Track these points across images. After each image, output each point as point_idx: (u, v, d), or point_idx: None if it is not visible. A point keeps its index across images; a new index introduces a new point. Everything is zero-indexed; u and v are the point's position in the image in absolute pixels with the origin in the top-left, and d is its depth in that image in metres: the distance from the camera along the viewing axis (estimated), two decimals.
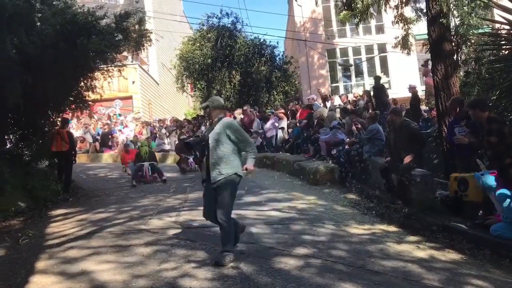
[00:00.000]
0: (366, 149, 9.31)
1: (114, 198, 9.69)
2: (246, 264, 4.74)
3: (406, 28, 11.50)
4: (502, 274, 4.71)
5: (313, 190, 9.34)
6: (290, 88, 21.96)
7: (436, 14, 8.35)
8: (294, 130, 14.28)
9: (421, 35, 15.53)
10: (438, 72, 8.32)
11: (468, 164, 6.62)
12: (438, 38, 8.40)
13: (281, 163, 12.47)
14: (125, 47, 11.84)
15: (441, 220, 6.23)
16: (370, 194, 8.33)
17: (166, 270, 4.65)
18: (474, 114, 6.10)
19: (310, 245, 5.46)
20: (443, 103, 8.22)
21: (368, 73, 26.00)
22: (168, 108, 32.10)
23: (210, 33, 21.23)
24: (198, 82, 21.41)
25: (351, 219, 6.88)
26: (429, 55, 9.05)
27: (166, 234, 6.20)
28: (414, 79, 21.74)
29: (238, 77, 20.18)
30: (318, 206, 7.89)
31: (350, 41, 25.63)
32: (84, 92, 11.74)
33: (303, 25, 26.17)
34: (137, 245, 5.69)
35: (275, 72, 21.20)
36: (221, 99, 5.46)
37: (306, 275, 4.41)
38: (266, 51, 21.73)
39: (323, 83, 25.45)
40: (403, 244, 5.63)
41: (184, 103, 35.52)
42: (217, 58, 20.50)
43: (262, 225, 6.47)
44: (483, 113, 5.92)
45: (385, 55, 24.64)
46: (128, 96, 26.12)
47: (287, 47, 31.63)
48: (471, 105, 6.16)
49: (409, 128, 7.45)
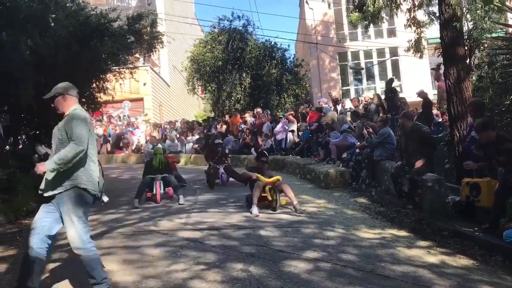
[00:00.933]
0: (377, 153, 9.26)
1: (125, 200, 9.71)
2: (256, 267, 4.73)
3: (418, 31, 11.43)
4: None
5: (323, 194, 9.31)
6: (301, 91, 21.94)
7: (449, 18, 8.29)
8: (304, 133, 14.26)
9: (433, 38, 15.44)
10: (450, 76, 8.25)
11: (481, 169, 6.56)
12: (450, 42, 8.34)
13: (291, 166, 12.45)
14: (137, 49, 11.96)
15: (452, 225, 6.17)
16: (380, 198, 8.29)
17: (176, 271, 4.66)
18: (483, 136, 6.01)
19: (320, 248, 5.44)
20: (455, 107, 8.15)
21: (380, 77, 25.89)
22: (178, 110, 32.26)
23: (221, 35, 21.30)
24: (209, 85, 21.49)
25: (361, 223, 6.84)
26: (441, 59, 8.98)
27: (176, 235, 6.22)
28: (426, 83, 21.62)
29: (249, 79, 20.21)
30: (328, 209, 7.86)
31: (361, 45, 25.55)
32: (96, 93, 11.85)
33: (314, 28, 26.15)
34: (147, 246, 5.71)
35: (285, 75, 21.20)
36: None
37: (315, 278, 4.40)
38: (277, 54, 21.75)
39: (334, 86, 25.40)
40: (413, 249, 5.58)
41: (194, 105, 35.68)
42: (228, 61, 20.56)
43: (272, 228, 6.46)
44: (493, 132, 5.87)
45: (397, 58, 24.53)
46: (139, 98, 26.31)
47: (298, 50, 31.61)
48: (481, 128, 6.05)
49: (420, 132, 7.39)
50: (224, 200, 8.91)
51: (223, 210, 7.71)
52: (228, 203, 8.61)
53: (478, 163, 6.40)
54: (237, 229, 6.42)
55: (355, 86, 26.52)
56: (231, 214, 7.44)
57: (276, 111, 19.24)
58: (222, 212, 7.58)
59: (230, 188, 10.44)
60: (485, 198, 6.03)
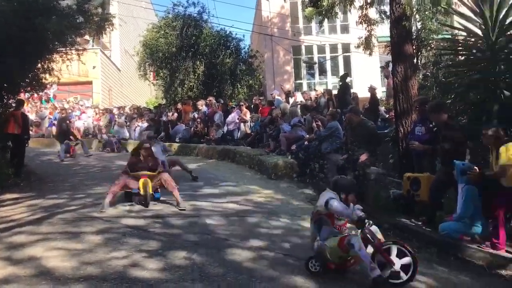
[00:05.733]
0: (324, 146, 9.43)
1: (68, 185, 9.41)
2: (199, 255, 4.72)
3: (369, 29, 11.67)
4: (446, 271, 4.89)
5: (272, 184, 9.38)
6: (254, 82, 21.93)
7: (399, 17, 8.48)
8: (255, 124, 14.30)
9: (384, 37, 15.84)
10: (398, 74, 8.47)
11: (422, 164, 6.83)
12: (399, 41, 8.55)
13: (242, 157, 12.46)
14: (86, 30, 11.48)
15: (393, 218, 6.40)
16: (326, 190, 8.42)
17: (117, 258, 4.57)
18: (436, 117, 6.26)
19: (264, 237, 5.49)
20: (401, 104, 8.37)
21: (332, 72, 26.32)
22: (129, 96, 31.46)
23: (176, 21, 20.89)
24: (161, 71, 21.03)
25: (305, 214, 6.89)
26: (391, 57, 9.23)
27: (119, 222, 6.10)
28: (376, 80, 22.16)
29: (203, 67, 19.97)
30: (275, 200, 7.93)
31: (315, 39, 25.85)
32: (41, 74, 11.30)
33: (270, 20, 26.19)
34: (88, 232, 5.57)
35: (240, 65, 21.11)
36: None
37: (258, 267, 4.44)
38: (232, 43, 21.59)
39: (287, 79, 25.58)
40: None
41: (146, 91, 34.86)
42: (182, 47, 20.21)
43: (218, 216, 6.46)
44: (444, 115, 6.11)
45: (349, 55, 25.00)
46: (88, 81, 25.42)
47: (253, 41, 31.59)
48: (435, 109, 6.31)
49: (366, 126, 7.59)
50: None
51: (169, 198, 7.61)
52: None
53: (424, 146, 6.62)
54: (183, 217, 6.38)
55: (308, 80, 26.85)
56: (175, 202, 7.33)
57: (229, 101, 19.15)
58: (168, 200, 7.47)
59: (175, 176, 10.30)
60: (424, 192, 6.27)
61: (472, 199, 5.52)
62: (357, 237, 4.16)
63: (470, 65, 6.87)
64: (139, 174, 7.27)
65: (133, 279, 4.02)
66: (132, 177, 7.29)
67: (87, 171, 11.70)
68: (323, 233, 4.40)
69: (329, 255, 4.25)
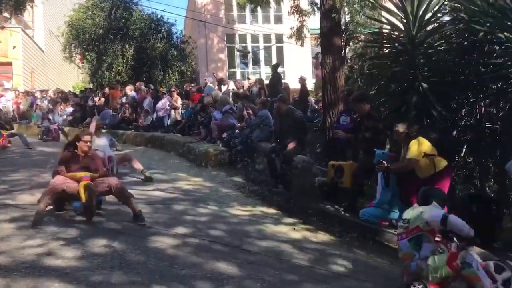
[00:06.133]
0: (255, 134, 9.47)
1: None
2: (120, 242, 4.57)
3: (301, 19, 11.83)
4: (365, 255, 5.11)
5: (201, 172, 9.29)
6: (187, 68, 21.57)
7: (329, 9, 8.65)
8: (186, 111, 14.08)
9: (316, 29, 16.14)
10: (326, 66, 8.66)
11: (346, 153, 7.06)
12: (329, 32, 8.73)
13: (171, 144, 12.24)
14: (2, 6, 10.68)
15: (317, 204, 6.57)
16: (255, 177, 8.50)
17: (30, 247, 4.31)
18: (359, 107, 6.48)
19: (190, 225, 5.44)
20: (329, 95, 8.58)
21: (265, 62, 26.45)
22: (54, 79, 29.80)
23: (104, 2, 20.04)
24: (88, 53, 20.11)
25: (234, 201, 6.97)
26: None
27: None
28: (307, 72, 22.54)
29: (132, 51, 19.30)
30: (204, 187, 7.88)
31: (249, 28, 25.84)
32: None
33: (204, 7, 25.81)
34: (1, 220, 5.20)
35: (171, 50, 20.63)
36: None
37: (181, 254, 4.39)
38: (163, 27, 21.04)
39: (221, 67, 25.40)
40: (280, 226, 5.84)
41: (72, 75, 33.16)
42: (110, 30, 19.39)
43: (143, 204, 6.26)
44: (367, 105, 6.34)
45: (282, 45, 25.25)
46: (8, 62, 23.72)
47: (186, 26, 30.98)
48: (358, 99, 6.52)
49: (294, 115, 7.71)
50: None
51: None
52: None
53: (346, 134, 6.84)
54: (106, 204, 6.12)
55: (241, 69, 26.82)
56: None
57: (159, 86, 18.68)
58: None
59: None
60: (347, 179, 6.47)
61: (390, 186, 5.79)
62: (473, 255, 3.75)
63: (392, 58, 7.15)
64: (78, 176, 5.39)
65: (46, 268, 3.81)
66: (68, 179, 5.37)
67: (4, 156, 10.95)
68: (424, 251, 3.98)
69: (432, 274, 3.84)
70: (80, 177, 5.34)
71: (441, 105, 5.97)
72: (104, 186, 5.43)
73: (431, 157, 5.41)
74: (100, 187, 5.39)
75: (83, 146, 5.75)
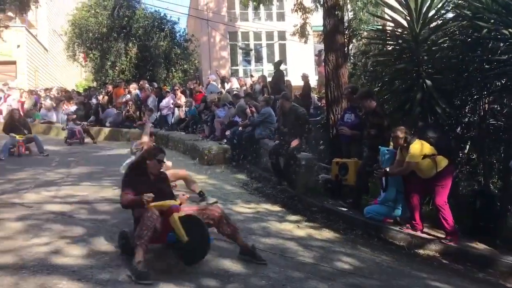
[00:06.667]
0: (258, 132, 9.50)
1: None
2: None
3: (304, 17, 11.86)
4: (369, 252, 5.12)
5: (205, 170, 9.32)
6: (190, 66, 21.62)
7: (332, 6, 8.64)
8: (190, 109, 14.12)
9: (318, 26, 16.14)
10: (329, 63, 8.65)
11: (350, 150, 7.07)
12: (332, 30, 8.72)
13: (175, 142, 12.29)
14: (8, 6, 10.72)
15: (321, 201, 6.59)
16: (259, 175, 8.54)
17: (38, 245, 4.35)
18: (365, 104, 6.48)
19: None
20: (332, 92, 8.58)
21: (268, 59, 26.44)
22: (57, 78, 29.90)
23: (107, 1, 20.08)
24: (91, 52, 20.16)
25: (238, 198, 6.99)
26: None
27: (42, 209, 5.79)
28: (310, 69, 22.58)
29: (135, 50, 19.35)
30: (208, 185, 7.89)
31: (252, 26, 25.83)
32: None
33: (207, 5, 25.82)
34: (8, 219, 5.24)
35: (174, 48, 20.68)
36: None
37: None
38: (167, 26, 21.07)
39: (223, 65, 25.41)
40: (284, 223, 5.86)
41: (76, 73, 33.26)
42: (113, 28, 19.45)
43: None
44: (373, 102, 6.34)
45: (284, 42, 25.25)
46: (12, 61, 23.81)
47: (189, 25, 31.01)
48: (364, 96, 6.52)
49: (297, 113, 7.71)
50: (99, 173, 8.49)
51: (97, 183, 7.33)
52: (103, 176, 8.21)
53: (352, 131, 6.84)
54: (111, 203, 6.15)
55: (244, 67, 26.82)
56: (105, 188, 7.09)
57: (163, 85, 18.72)
58: (96, 186, 7.21)
59: (107, 161, 9.98)
60: (351, 177, 6.51)
61: (395, 184, 5.80)
62: None
63: (396, 55, 7.16)
64: (164, 205, 4.12)
65: (54, 266, 3.84)
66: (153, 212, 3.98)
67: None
68: None
69: None
70: (169, 207, 4.09)
71: (445, 102, 5.99)
72: (204, 218, 4.13)
73: (432, 157, 5.41)
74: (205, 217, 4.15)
75: (157, 167, 4.52)
